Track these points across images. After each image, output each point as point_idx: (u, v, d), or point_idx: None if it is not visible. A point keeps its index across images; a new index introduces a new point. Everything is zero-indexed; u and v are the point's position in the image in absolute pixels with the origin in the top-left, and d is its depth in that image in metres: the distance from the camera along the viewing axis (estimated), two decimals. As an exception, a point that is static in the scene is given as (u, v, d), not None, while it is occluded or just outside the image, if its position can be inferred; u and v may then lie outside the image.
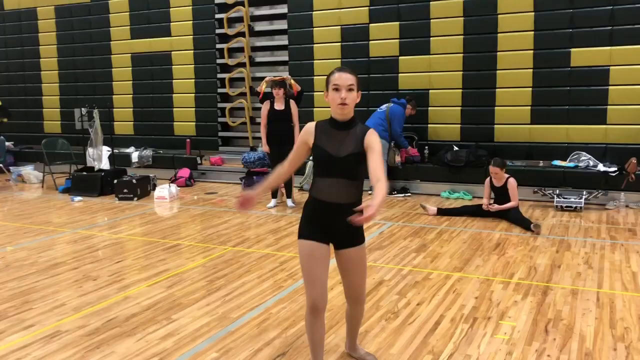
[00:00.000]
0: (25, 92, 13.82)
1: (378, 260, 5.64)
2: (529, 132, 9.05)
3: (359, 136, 2.99)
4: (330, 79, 2.98)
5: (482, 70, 9.29)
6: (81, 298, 4.71)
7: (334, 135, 3.00)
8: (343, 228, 2.95)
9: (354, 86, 2.96)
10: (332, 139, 3.00)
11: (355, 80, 2.96)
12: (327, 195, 3.03)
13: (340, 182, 3.00)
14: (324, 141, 3.01)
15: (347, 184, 3.01)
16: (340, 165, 2.98)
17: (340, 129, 3.01)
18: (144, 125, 12.35)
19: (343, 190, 3.01)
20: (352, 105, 2.98)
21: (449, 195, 8.85)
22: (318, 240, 3.06)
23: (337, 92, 2.94)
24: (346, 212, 2.89)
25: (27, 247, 6.41)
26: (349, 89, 2.94)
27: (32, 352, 3.70)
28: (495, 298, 4.54)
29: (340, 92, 2.93)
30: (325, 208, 3.05)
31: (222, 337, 3.88)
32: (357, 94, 3.00)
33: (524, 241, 6.29)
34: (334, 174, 3.00)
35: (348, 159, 2.97)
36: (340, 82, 2.93)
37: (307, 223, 3.13)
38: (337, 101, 2.94)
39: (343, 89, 2.93)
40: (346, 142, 2.98)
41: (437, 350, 3.64)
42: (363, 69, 10.11)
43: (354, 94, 2.97)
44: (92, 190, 9.56)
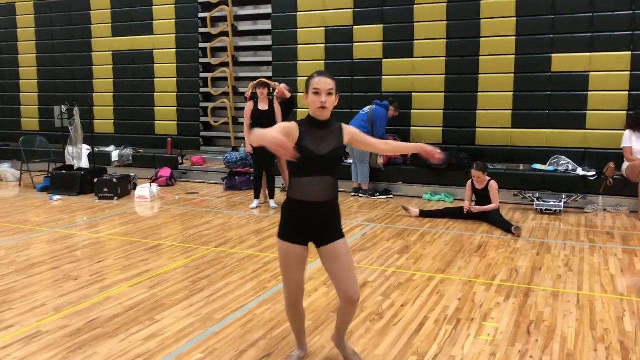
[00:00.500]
0: (3, 89, 13.59)
1: (362, 261, 5.65)
2: (510, 135, 9.16)
3: (337, 132, 3.20)
4: (311, 82, 3.10)
5: (465, 74, 9.38)
6: (62, 298, 4.64)
7: (315, 135, 3.12)
8: (323, 225, 3.18)
9: (333, 90, 3.09)
10: (314, 138, 3.11)
11: (334, 84, 3.10)
12: (309, 195, 3.13)
13: (322, 179, 3.14)
14: (307, 141, 3.09)
15: (329, 181, 3.17)
16: (324, 162, 3.12)
17: (320, 128, 3.15)
18: (125, 123, 12.21)
19: (325, 188, 3.15)
20: (331, 108, 3.12)
21: (430, 198, 8.91)
22: (297, 242, 3.18)
23: (318, 95, 3.07)
24: (326, 209, 3.19)
25: (5, 246, 6.29)
26: (328, 92, 3.07)
27: (13, 353, 3.63)
28: (478, 300, 4.59)
29: (321, 96, 3.06)
30: (305, 208, 3.15)
31: (206, 338, 3.86)
32: (335, 98, 3.14)
33: (505, 243, 6.36)
34: (317, 172, 3.13)
35: (331, 155, 3.12)
36: (320, 87, 3.06)
37: (286, 224, 3.23)
38: (317, 104, 3.07)
39: (323, 93, 3.06)
40: (328, 140, 3.14)
41: (422, 351, 3.66)
42: (346, 71, 10.14)
43: (333, 97, 3.11)
44: (72, 189, 9.43)
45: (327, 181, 3.16)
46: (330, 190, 3.19)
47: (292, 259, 3.21)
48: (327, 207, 3.19)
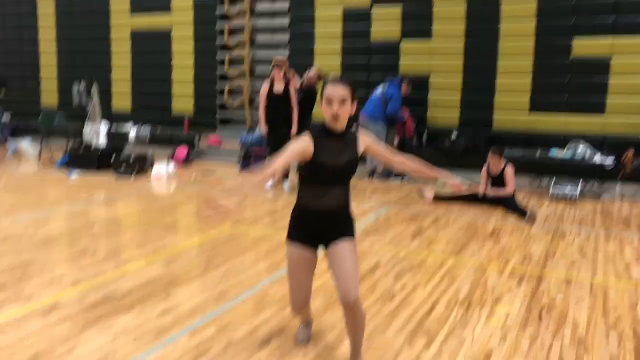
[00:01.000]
0: (23, 65, 13.72)
1: (374, 244, 5.68)
2: (528, 120, 9.07)
3: (352, 143, 3.06)
4: (324, 91, 2.94)
5: (483, 58, 9.28)
6: (79, 272, 4.73)
7: (330, 146, 2.98)
8: (332, 230, 3.08)
9: (347, 98, 2.91)
10: (330, 150, 2.98)
11: (348, 92, 2.91)
12: (321, 204, 3.05)
13: (336, 189, 3.06)
14: (323, 154, 2.96)
15: (342, 190, 3.10)
16: (339, 174, 3.03)
17: (335, 139, 3.00)
18: (143, 102, 12.29)
19: (336, 197, 3.07)
20: (346, 118, 2.95)
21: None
22: (306, 245, 3.12)
23: (330, 105, 2.91)
24: (336, 216, 3.11)
25: (25, 221, 6.41)
26: (341, 101, 2.90)
27: (32, 324, 3.73)
28: (490, 284, 4.60)
29: (333, 105, 2.90)
30: (316, 216, 3.08)
31: (220, 314, 3.92)
32: (350, 106, 2.95)
33: (519, 229, 6.34)
34: (331, 182, 3.04)
35: (345, 168, 3.02)
36: (333, 95, 2.90)
37: (294, 227, 3.16)
38: (329, 115, 2.92)
39: (335, 102, 2.90)
40: (343, 151, 3.02)
41: (433, 333, 3.69)
42: (363, 53, 10.08)
43: (347, 106, 2.93)
44: (90, 166, 9.54)
45: (339, 190, 3.08)
46: (342, 199, 3.11)
47: (299, 263, 3.13)
48: (337, 214, 3.11)
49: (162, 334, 3.60)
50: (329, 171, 2.99)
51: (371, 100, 9.07)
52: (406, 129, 9.39)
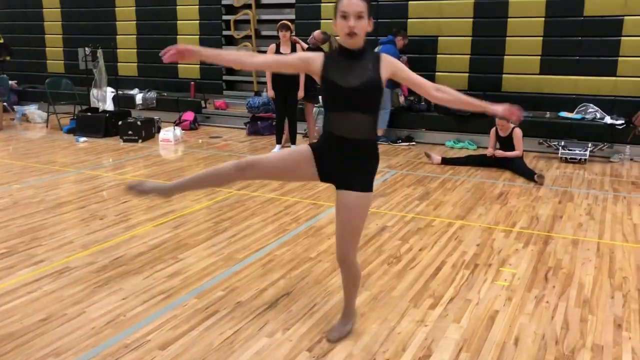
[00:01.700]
0: (28, 31, 13.61)
1: (381, 207, 5.69)
2: (538, 82, 8.93)
3: (374, 63, 2.79)
4: (339, 5, 2.71)
5: (493, 18, 9.09)
6: (89, 236, 4.78)
7: (344, 66, 2.77)
8: (345, 164, 2.83)
9: (364, 13, 2.69)
10: (343, 70, 2.76)
11: (365, 6, 2.69)
12: (337, 129, 2.81)
13: (352, 115, 2.77)
14: (334, 73, 2.77)
15: (360, 118, 2.78)
16: (353, 96, 2.75)
17: (351, 58, 2.78)
18: (148, 66, 12.20)
19: (355, 125, 2.79)
20: (363, 34, 2.73)
21: (453, 145, 8.83)
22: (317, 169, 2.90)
23: (345, 20, 2.68)
24: (353, 148, 2.81)
25: (34, 185, 6.46)
26: (358, 16, 2.68)
27: (43, 287, 3.79)
28: (496, 246, 4.61)
29: (349, 20, 2.68)
30: (332, 140, 2.84)
31: (227, 277, 3.97)
32: (368, 22, 2.73)
33: (527, 191, 6.32)
34: (346, 106, 2.77)
35: (360, 89, 2.74)
36: (348, 10, 2.67)
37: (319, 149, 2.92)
38: (345, 30, 2.70)
39: (351, 17, 2.67)
40: (359, 72, 2.75)
41: (438, 294, 3.72)
42: (372, 13, 9.89)
43: (364, 22, 2.70)
44: (97, 131, 9.55)
45: (358, 118, 2.77)
46: (362, 128, 2.79)
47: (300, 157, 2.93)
48: (354, 146, 2.80)
49: (171, 296, 3.66)
50: (343, 92, 2.74)
51: None
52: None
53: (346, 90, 2.74)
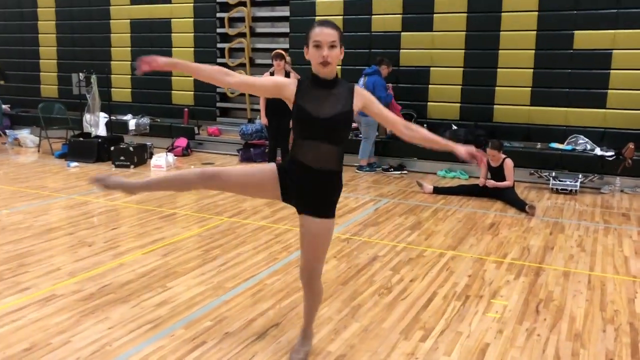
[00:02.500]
0: (23, 55, 13.67)
1: (373, 236, 5.67)
2: (528, 113, 9.03)
3: (346, 95, 2.80)
4: (311, 34, 2.72)
5: (484, 49, 9.23)
6: (76, 263, 4.72)
7: (316, 95, 2.76)
8: (310, 193, 2.85)
9: (337, 42, 2.70)
10: (314, 99, 2.76)
11: (337, 35, 2.71)
12: (308, 159, 2.81)
13: (320, 146, 2.79)
14: (307, 101, 2.76)
15: (328, 149, 2.80)
16: (324, 127, 2.76)
17: (324, 88, 2.78)
18: (142, 92, 12.25)
19: (322, 155, 2.80)
20: (335, 63, 2.74)
21: (445, 174, 8.86)
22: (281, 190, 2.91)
23: (319, 49, 2.69)
24: (319, 178, 2.83)
25: (23, 210, 6.41)
26: (331, 45, 2.69)
27: (28, 315, 3.73)
28: (487, 277, 4.59)
29: (322, 50, 2.68)
30: (302, 169, 2.83)
31: (216, 306, 3.92)
32: (340, 51, 2.74)
33: (519, 222, 6.32)
34: (316, 136, 2.78)
35: (332, 120, 2.75)
36: (321, 39, 2.68)
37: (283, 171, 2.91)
38: (318, 60, 2.70)
39: (325, 46, 2.68)
40: (331, 102, 2.75)
41: (429, 326, 3.68)
42: (365, 44, 10.03)
43: (336, 50, 2.71)
44: (89, 156, 9.52)
45: (326, 149, 2.79)
46: (327, 160, 2.81)
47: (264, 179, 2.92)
48: (319, 176, 2.83)
49: (159, 326, 3.60)
50: (314, 122, 2.74)
51: None
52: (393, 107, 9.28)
53: (318, 120, 2.75)
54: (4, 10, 13.82)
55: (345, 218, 6.33)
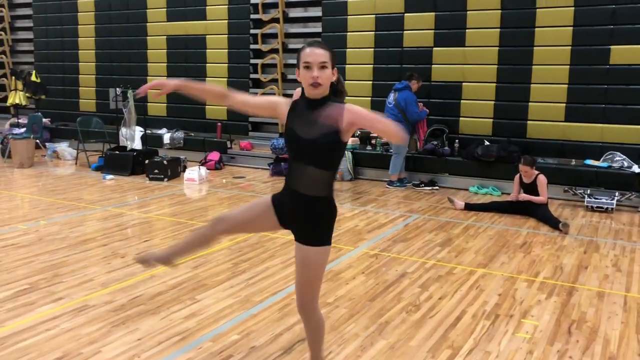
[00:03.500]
0: (63, 71, 14.10)
1: (402, 252, 5.63)
2: (563, 129, 8.88)
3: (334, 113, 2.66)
4: (301, 55, 2.64)
5: (518, 65, 9.13)
6: (109, 274, 4.82)
7: (305, 116, 2.66)
8: (300, 219, 2.77)
9: (328, 63, 2.61)
10: (304, 120, 2.66)
11: (329, 56, 2.62)
12: (292, 181, 2.76)
13: (306, 169, 2.69)
14: (295, 122, 2.69)
15: (313, 172, 2.68)
16: (310, 149, 2.66)
17: (313, 108, 2.65)
18: (177, 107, 12.48)
19: (307, 179, 2.70)
20: (327, 85, 2.64)
21: (477, 191, 8.76)
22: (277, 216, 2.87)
23: (308, 70, 2.60)
24: (305, 205, 2.73)
25: (59, 222, 6.58)
26: (321, 66, 2.60)
27: (61, 324, 3.82)
28: (518, 296, 4.51)
29: (312, 71, 2.59)
30: (291, 194, 2.77)
31: (244, 320, 3.94)
32: (332, 72, 2.66)
33: (552, 240, 6.20)
34: (302, 158, 2.69)
35: (318, 141, 2.62)
36: (311, 60, 2.60)
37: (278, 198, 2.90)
38: (308, 81, 2.61)
39: (315, 67, 2.59)
40: (319, 122, 2.61)
41: (457, 345, 3.63)
42: (396, 59, 10.04)
43: (327, 71, 2.62)
44: (124, 169, 9.73)
45: (311, 172, 2.68)
46: (312, 185, 2.70)
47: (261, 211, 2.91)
48: (306, 201, 2.73)
49: (187, 339, 3.65)
50: (300, 143, 2.66)
51: (387, 110, 8.95)
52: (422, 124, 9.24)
53: (303, 141, 2.66)
54: (46, 28, 14.32)
55: (374, 233, 6.31)
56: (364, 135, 10.13)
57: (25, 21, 14.97)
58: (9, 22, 15.07)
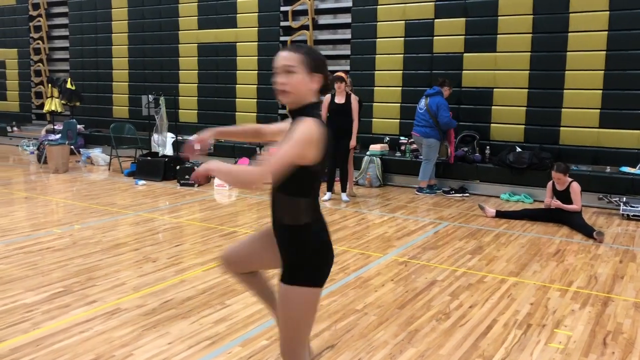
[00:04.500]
0: (98, 78, 14.42)
1: (431, 260, 5.58)
2: (597, 135, 8.70)
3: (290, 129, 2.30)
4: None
5: (550, 70, 8.99)
6: (141, 278, 4.89)
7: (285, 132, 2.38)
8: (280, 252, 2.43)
9: (296, 67, 2.26)
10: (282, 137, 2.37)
11: (298, 59, 2.27)
12: (271, 210, 2.44)
13: (278, 195, 2.37)
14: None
15: (279, 198, 2.35)
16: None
17: (291, 121, 2.37)
18: (208, 114, 12.64)
19: (275, 206, 2.39)
20: (297, 92, 2.28)
21: (509, 198, 8.63)
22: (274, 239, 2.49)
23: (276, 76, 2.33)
24: (277, 234, 2.41)
25: (93, 226, 6.71)
26: (286, 71, 2.27)
27: (94, 327, 3.89)
28: (551, 305, 4.42)
29: (276, 76, 2.32)
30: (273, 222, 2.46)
31: (273, 325, 3.94)
32: (304, 77, 2.28)
33: (585, 249, 6.07)
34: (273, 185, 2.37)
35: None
36: (276, 64, 2.30)
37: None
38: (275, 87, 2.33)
39: (279, 71, 2.30)
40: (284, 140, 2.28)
41: (488, 354, 3.58)
42: (426, 65, 9.99)
43: (297, 77, 2.26)
44: (156, 174, 9.89)
45: (277, 198, 2.36)
46: (280, 211, 2.37)
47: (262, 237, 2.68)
48: (278, 231, 2.41)
49: (216, 343, 3.67)
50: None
51: (418, 116, 8.89)
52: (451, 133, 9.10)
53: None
54: (81, 36, 14.67)
55: (403, 240, 6.27)
56: (393, 141, 10.09)
57: (62, 30, 15.37)
58: (46, 31, 15.48)
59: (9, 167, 11.37)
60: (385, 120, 10.42)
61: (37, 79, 15.65)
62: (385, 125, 10.41)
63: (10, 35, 16.14)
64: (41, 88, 15.37)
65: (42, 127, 14.20)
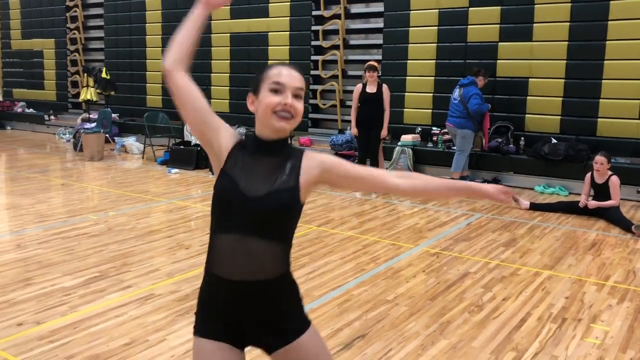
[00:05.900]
0: (132, 68, 14.61)
1: (464, 252, 5.52)
2: (637, 127, 8.45)
3: (292, 164, 1.89)
4: (269, 74, 1.88)
5: (588, 60, 8.76)
6: (174, 265, 4.96)
7: (253, 162, 1.87)
8: (263, 319, 1.90)
9: (303, 92, 1.89)
10: (251, 167, 1.87)
11: (304, 83, 1.90)
12: (225, 266, 1.85)
13: (247, 242, 1.82)
14: (237, 168, 1.87)
15: (260, 246, 1.83)
16: (253, 211, 1.82)
17: (266, 153, 1.88)
18: (239, 103, 12.70)
19: (253, 258, 1.83)
20: (298, 121, 1.89)
21: (543, 190, 8.47)
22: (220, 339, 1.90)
23: (279, 95, 1.84)
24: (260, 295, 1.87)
25: (127, 213, 6.82)
26: (296, 94, 1.86)
27: (129, 312, 3.96)
28: (587, 300, 4.33)
29: (285, 96, 1.84)
30: (228, 289, 1.87)
31: (303, 314, 3.96)
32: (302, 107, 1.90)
33: (623, 243, 5.92)
34: (241, 226, 1.83)
35: (266, 201, 1.82)
36: (285, 80, 1.85)
37: (203, 313, 1.97)
38: (276, 107, 1.83)
39: (289, 91, 1.85)
40: (269, 173, 1.86)
41: (522, 347, 3.53)
42: (460, 55, 9.84)
43: (302, 104, 1.88)
44: (188, 163, 9.99)
45: (257, 247, 1.82)
46: (263, 264, 1.84)
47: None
48: (259, 291, 1.86)
49: (248, 330, 3.70)
50: (237, 200, 1.83)
51: (452, 106, 8.74)
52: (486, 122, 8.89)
53: (246, 199, 1.82)
54: (116, 26, 14.88)
55: (435, 232, 6.21)
56: (425, 132, 9.98)
57: (97, 20, 15.60)
58: (82, 22, 15.75)
59: (46, 155, 11.64)
60: (418, 110, 10.32)
61: (73, 69, 15.94)
62: (418, 115, 10.31)
63: (48, 26, 16.46)
64: (77, 77, 15.65)
65: (78, 115, 14.48)
